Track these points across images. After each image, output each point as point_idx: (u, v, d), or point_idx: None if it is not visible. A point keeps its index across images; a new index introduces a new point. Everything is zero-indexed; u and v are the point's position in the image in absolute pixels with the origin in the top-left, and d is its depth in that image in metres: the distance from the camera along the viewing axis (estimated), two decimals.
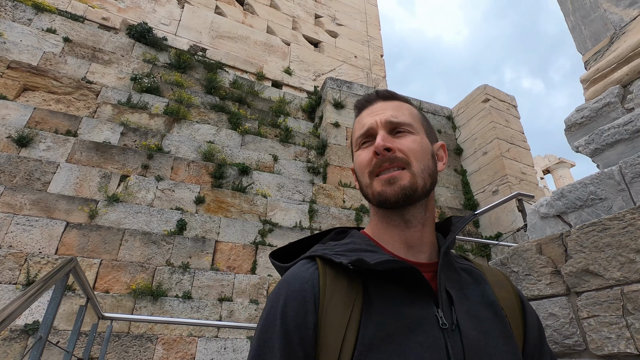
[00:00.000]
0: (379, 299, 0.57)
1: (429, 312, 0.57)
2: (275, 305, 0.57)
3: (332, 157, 7.08)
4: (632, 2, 2.93)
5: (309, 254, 0.64)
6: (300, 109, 8.21)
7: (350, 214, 6.52)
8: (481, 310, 0.62)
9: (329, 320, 0.55)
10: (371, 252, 0.62)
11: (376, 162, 0.65)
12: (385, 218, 0.68)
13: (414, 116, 0.72)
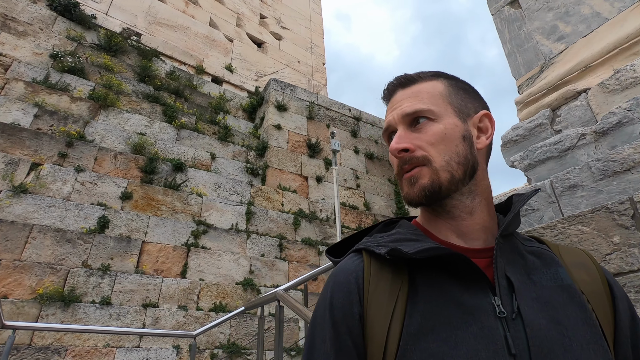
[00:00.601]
0: (426, 288, 0.55)
1: (483, 300, 0.53)
2: (324, 298, 0.59)
3: (272, 159, 6.94)
4: (560, 37, 3.25)
5: (356, 247, 0.64)
6: (240, 107, 7.95)
7: (288, 218, 6.42)
8: (553, 296, 0.55)
9: (374, 310, 0.54)
10: (414, 242, 0.59)
11: (398, 164, 0.63)
12: (429, 208, 0.64)
13: (435, 97, 0.64)
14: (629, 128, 2.33)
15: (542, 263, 0.60)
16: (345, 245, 0.71)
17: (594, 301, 0.57)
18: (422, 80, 0.67)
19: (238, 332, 4.97)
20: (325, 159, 7.69)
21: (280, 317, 1.97)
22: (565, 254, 0.64)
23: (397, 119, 0.64)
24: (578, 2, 3.20)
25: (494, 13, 3.99)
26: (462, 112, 0.65)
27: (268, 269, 5.74)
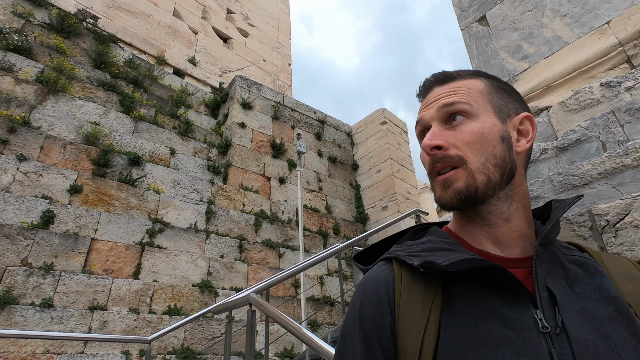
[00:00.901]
0: (462, 301, 0.52)
1: (524, 315, 0.50)
2: (353, 309, 0.56)
3: (235, 157, 6.76)
4: (524, 56, 3.43)
5: (386, 255, 0.61)
6: (203, 103, 7.68)
7: (249, 219, 6.27)
8: (599, 308, 0.52)
9: (406, 323, 0.52)
10: (448, 251, 0.56)
11: (430, 162, 0.60)
12: (462, 214, 0.61)
13: (475, 94, 0.61)
14: (587, 145, 2.49)
15: (585, 273, 0.57)
16: (372, 252, 0.68)
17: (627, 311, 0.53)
18: (461, 78, 0.64)
19: (193, 337, 4.76)
20: (289, 161, 7.62)
21: (252, 321, 1.89)
22: (610, 263, 0.60)
23: (432, 114, 0.61)
24: (541, 25, 3.39)
25: (463, 28, 4.15)
26: (502, 112, 0.62)
27: (227, 271, 5.57)
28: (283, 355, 5.49)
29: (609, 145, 2.38)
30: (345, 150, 9.21)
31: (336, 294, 6.68)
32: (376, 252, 0.67)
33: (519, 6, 3.67)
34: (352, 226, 8.07)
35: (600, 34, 2.97)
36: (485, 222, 0.59)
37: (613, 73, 2.77)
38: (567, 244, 0.64)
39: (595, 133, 2.47)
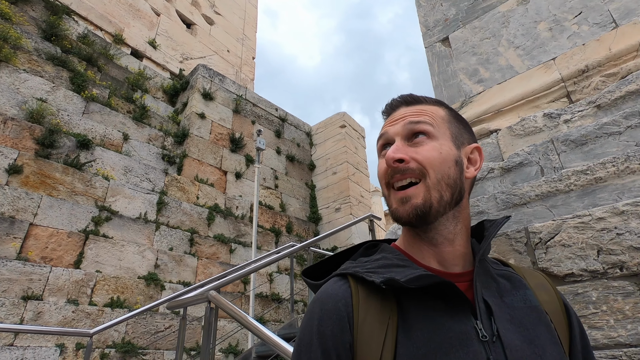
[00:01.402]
0: (415, 315, 0.55)
1: (467, 325, 0.55)
2: (310, 325, 0.56)
3: (192, 148, 6.59)
4: (480, 80, 3.70)
5: (340, 271, 0.62)
6: (161, 88, 7.40)
7: (202, 212, 6.15)
8: (524, 317, 0.58)
9: (365, 340, 0.54)
10: (403, 268, 0.59)
11: (389, 172, 0.63)
12: (412, 232, 0.65)
13: (437, 119, 0.66)
14: (528, 169, 2.76)
15: (511, 286, 0.63)
16: (320, 268, 0.69)
17: (555, 319, 0.61)
18: (426, 103, 0.69)
19: (135, 331, 4.61)
20: (247, 156, 7.55)
21: (210, 319, 1.90)
22: (529, 277, 0.68)
23: (397, 129, 0.65)
24: (497, 53, 3.67)
25: (427, 46, 4.37)
26: (457, 139, 0.67)
27: (175, 264, 5.43)
28: (227, 351, 5.46)
29: (547, 170, 2.65)
30: (304, 150, 9.28)
31: (284, 291, 6.74)
32: (325, 268, 0.69)
33: (478, 33, 3.93)
34: (304, 225, 8.17)
35: (546, 68, 3.28)
36: (433, 242, 0.63)
37: (555, 105, 3.07)
38: (493, 259, 0.72)
39: (535, 158, 2.74)
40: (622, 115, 2.45)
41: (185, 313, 2.25)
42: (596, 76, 2.86)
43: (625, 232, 1.93)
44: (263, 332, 1.64)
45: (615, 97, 2.61)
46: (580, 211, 2.21)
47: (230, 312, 1.73)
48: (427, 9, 4.64)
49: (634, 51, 2.76)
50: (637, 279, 1.85)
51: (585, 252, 2.01)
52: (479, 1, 4.06)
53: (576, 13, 3.28)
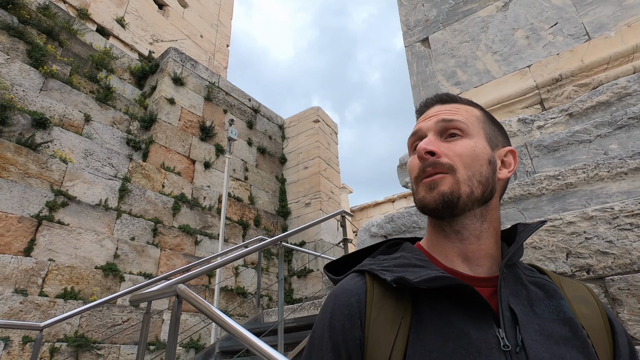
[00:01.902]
0: (430, 318, 0.53)
1: (487, 333, 0.52)
2: (323, 319, 0.56)
3: (159, 134, 6.31)
4: (457, 82, 3.74)
5: (359, 267, 0.62)
6: (128, 70, 7.03)
7: (168, 201, 5.91)
8: (555, 329, 0.55)
9: (375, 337, 0.53)
10: (419, 268, 0.57)
11: (420, 166, 0.62)
12: (437, 228, 0.64)
13: (472, 118, 0.66)
14: None
15: (544, 295, 0.60)
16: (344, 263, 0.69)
17: (594, 336, 0.56)
18: (461, 102, 0.69)
19: (90, 324, 4.35)
20: (217, 145, 7.33)
21: (178, 314, 1.79)
22: (567, 287, 0.63)
23: (430, 125, 0.64)
24: (475, 57, 3.73)
25: (407, 45, 4.38)
26: (492, 140, 0.66)
27: (137, 255, 5.18)
28: (188, 346, 5.29)
29: (520, 174, 2.72)
30: (276, 143, 9.15)
31: (250, 285, 6.62)
32: (346, 264, 0.68)
33: (458, 36, 3.98)
34: (273, 219, 8.06)
35: (522, 75, 3.35)
36: (458, 236, 0.61)
37: (528, 111, 3.15)
38: (529, 265, 0.69)
39: None
40: (592, 124, 2.54)
41: (150, 307, 2.13)
42: (569, 85, 2.95)
43: (593, 236, 1.99)
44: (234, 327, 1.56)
45: (586, 106, 2.70)
46: (551, 215, 2.26)
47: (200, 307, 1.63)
48: (408, 8, 4.65)
49: (605, 64, 2.87)
50: (602, 281, 1.91)
51: (555, 254, 2.05)
52: (460, 4, 4.11)
53: (552, 23, 3.37)
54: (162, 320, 5.13)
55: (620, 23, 3.02)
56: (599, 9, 3.18)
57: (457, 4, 4.17)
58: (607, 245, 1.94)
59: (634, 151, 2.23)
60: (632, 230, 1.93)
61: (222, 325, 1.62)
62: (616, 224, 1.97)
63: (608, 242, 1.95)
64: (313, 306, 4.02)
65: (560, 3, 3.43)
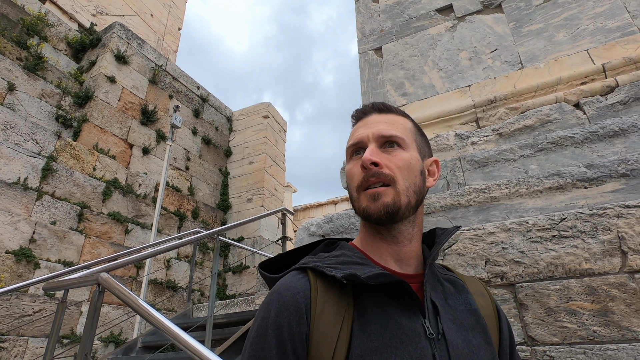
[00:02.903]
0: (370, 311, 0.58)
1: (416, 323, 0.59)
2: (266, 316, 0.57)
3: (95, 113, 5.86)
4: (404, 93, 3.90)
5: (300, 265, 0.64)
6: (65, 40, 6.46)
7: (98, 186, 5.51)
8: (465, 318, 0.64)
9: (321, 331, 0.55)
10: (362, 265, 0.62)
11: (364, 176, 0.65)
12: (373, 231, 0.68)
13: (407, 130, 0.71)
14: (438, 182, 2.98)
15: (455, 290, 0.70)
16: (280, 262, 0.71)
17: (489, 323, 0.68)
18: (396, 113, 0.74)
19: None
20: (159, 131, 6.98)
21: (98, 304, 1.66)
22: (469, 283, 0.75)
23: (371, 136, 0.68)
24: (422, 71, 3.91)
25: (361, 52, 4.50)
26: (421, 151, 0.72)
27: (57, 240, 4.77)
28: (108, 340, 4.97)
29: (452, 185, 2.90)
30: (222, 135, 8.90)
31: (182, 279, 6.37)
32: (282, 262, 0.70)
33: (409, 49, 4.15)
34: (212, 212, 7.83)
35: (462, 93, 3.58)
36: (394, 240, 0.67)
37: (465, 127, 3.36)
38: (441, 265, 0.78)
39: (444, 173, 2.98)
40: (517, 145, 2.78)
41: (66, 296, 1.96)
42: (501, 107, 3.20)
43: (509, 246, 2.17)
44: (159, 320, 1.49)
45: (514, 128, 2.95)
46: (475, 224, 2.44)
47: (124, 298, 1.54)
48: (365, 17, 4.77)
49: (533, 91, 3.15)
50: (513, 288, 2.10)
51: (476, 261, 2.22)
52: (413, 20, 4.29)
53: (493, 49, 3.63)
54: (80, 312, 4.77)
55: (549, 56, 3.33)
56: (532, 42, 3.49)
57: (410, 18, 4.35)
58: (520, 255, 2.13)
59: (549, 172, 2.47)
60: (541, 243, 2.13)
61: (146, 318, 1.55)
62: (529, 237, 2.17)
63: (521, 252, 2.14)
64: (245, 302, 3.96)
65: (501, 31, 3.70)
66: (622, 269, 1.90)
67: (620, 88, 2.74)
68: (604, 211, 2.04)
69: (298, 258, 0.70)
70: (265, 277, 0.67)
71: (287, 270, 0.64)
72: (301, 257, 0.70)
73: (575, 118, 2.79)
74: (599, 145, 2.52)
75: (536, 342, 1.97)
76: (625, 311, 1.82)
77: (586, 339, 1.87)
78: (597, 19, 3.28)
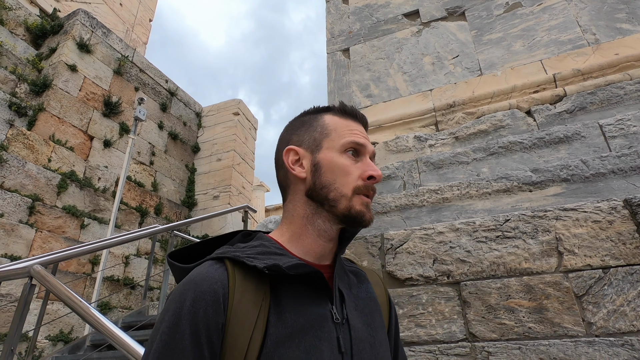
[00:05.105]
0: (286, 299, 0.61)
1: (326, 309, 0.63)
2: (180, 306, 0.56)
3: (52, 103, 5.60)
4: (369, 95, 3.95)
5: (217, 255, 0.64)
6: (24, 24, 6.15)
7: (53, 178, 5.26)
8: (366, 305, 0.71)
9: (238, 320, 0.56)
10: (280, 256, 0.64)
11: (366, 185, 0.68)
12: (319, 231, 0.70)
13: None
14: (394, 182, 3.03)
15: (357, 280, 0.75)
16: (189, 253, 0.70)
17: (383, 309, 0.76)
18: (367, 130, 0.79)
19: None
20: (122, 124, 6.75)
21: (27, 298, 1.57)
22: (369, 274, 0.83)
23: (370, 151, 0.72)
24: (388, 74, 3.97)
25: (329, 52, 4.52)
26: None
27: (4, 234, 4.52)
28: (57, 338, 4.75)
29: (408, 185, 2.95)
30: (190, 130, 8.72)
31: (141, 277, 6.18)
32: (193, 254, 0.70)
33: (376, 52, 4.20)
34: (177, 209, 7.65)
35: (424, 96, 3.65)
36: (332, 240, 0.71)
37: (425, 130, 3.43)
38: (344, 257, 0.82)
39: (401, 173, 3.03)
40: (471, 148, 2.86)
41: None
42: (459, 112, 3.29)
43: (456, 245, 2.23)
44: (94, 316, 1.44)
45: (469, 132, 3.04)
46: (426, 224, 2.49)
47: (57, 292, 1.46)
48: (335, 17, 4.80)
49: (489, 97, 3.25)
50: (458, 286, 2.15)
51: (424, 260, 2.26)
52: (381, 23, 4.35)
53: (455, 55, 3.73)
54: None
55: (506, 65, 3.45)
56: (492, 50, 3.60)
57: (378, 21, 4.40)
58: (466, 255, 2.19)
59: (498, 175, 2.55)
60: (486, 243, 2.20)
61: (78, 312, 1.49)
62: (475, 237, 2.23)
63: (467, 252, 2.19)
64: None
65: (464, 39, 3.81)
66: (558, 268, 1.99)
67: (567, 97, 2.87)
68: (545, 213, 2.13)
69: (211, 249, 0.70)
70: (175, 267, 0.66)
71: (202, 261, 0.64)
72: (214, 247, 0.70)
73: (526, 124, 2.90)
74: (546, 151, 2.63)
75: (476, 338, 2.02)
76: (558, 308, 1.90)
77: (522, 335, 1.94)
78: (552, 31, 3.43)
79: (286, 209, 0.74)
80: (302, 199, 0.70)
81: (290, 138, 0.74)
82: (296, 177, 0.71)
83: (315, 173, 0.69)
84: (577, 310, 1.91)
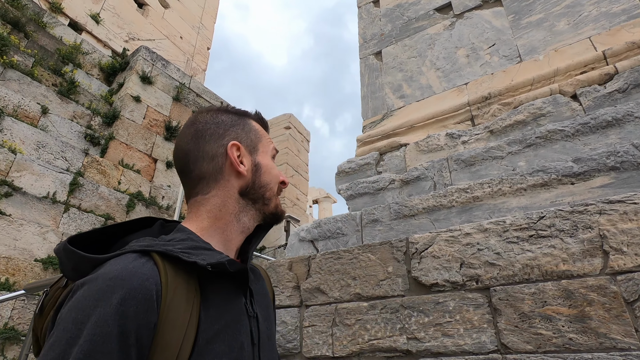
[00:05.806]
0: (213, 295, 0.62)
1: (242, 303, 0.66)
2: (106, 304, 0.49)
3: (121, 131, 6.26)
4: (402, 95, 3.81)
5: (142, 248, 0.57)
6: (98, 65, 7.00)
7: (122, 198, 5.84)
8: (263, 300, 0.76)
9: (171, 318, 0.54)
10: (210, 251, 0.64)
11: (280, 187, 0.79)
12: (242, 225, 0.73)
13: None
14: (424, 183, 2.87)
15: (255, 277, 0.79)
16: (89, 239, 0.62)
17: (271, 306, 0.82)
18: None
19: (22, 316, 4.25)
20: None
21: None
22: (262, 271, 0.87)
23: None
24: (420, 72, 3.81)
25: (362, 57, 4.47)
26: None
27: None
28: None
29: (439, 186, 2.77)
30: None
31: None
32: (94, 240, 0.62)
33: (408, 51, 4.07)
34: None
35: (459, 91, 3.44)
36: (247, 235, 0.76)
37: (460, 126, 3.22)
38: None
39: (431, 174, 2.86)
40: (506, 141, 2.62)
41: None
42: (495, 104, 3.04)
43: (485, 248, 2.04)
44: None
45: (505, 124, 2.79)
46: (455, 226, 2.31)
47: None
48: (367, 22, 4.75)
49: (529, 85, 2.97)
50: (487, 292, 1.96)
51: (450, 264, 2.10)
52: (413, 21, 4.21)
53: (490, 44, 3.48)
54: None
55: (549, 47, 3.14)
56: (532, 33, 3.30)
57: (410, 20, 4.27)
58: (495, 257, 1.99)
59: (534, 168, 2.30)
60: (517, 244, 1.98)
61: None
62: (505, 237, 2.03)
63: (496, 254, 2.00)
64: None
65: (500, 25, 3.55)
66: (603, 270, 1.73)
67: (619, 75, 2.52)
68: (585, 208, 1.87)
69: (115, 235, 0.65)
70: (82, 257, 0.55)
71: (119, 252, 0.56)
72: (120, 234, 0.65)
73: (570, 110, 2.59)
74: (592, 137, 2.32)
75: (509, 349, 1.83)
76: (604, 317, 1.65)
77: (561, 347, 1.71)
78: (601, 4, 3.06)
79: (209, 202, 0.70)
80: (234, 195, 0.71)
81: (226, 133, 0.73)
82: (238, 172, 0.71)
83: (256, 173, 0.73)
84: (629, 319, 1.64)
